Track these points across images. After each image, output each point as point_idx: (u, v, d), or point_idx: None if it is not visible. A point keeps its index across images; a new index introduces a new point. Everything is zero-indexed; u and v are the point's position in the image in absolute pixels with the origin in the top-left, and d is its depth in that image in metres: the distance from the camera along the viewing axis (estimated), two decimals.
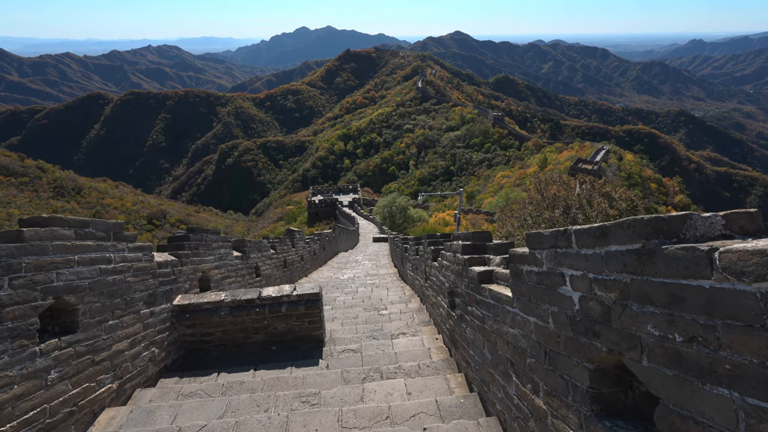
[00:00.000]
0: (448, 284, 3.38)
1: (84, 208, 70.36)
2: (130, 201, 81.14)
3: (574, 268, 1.40)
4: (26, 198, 65.81)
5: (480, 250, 2.82)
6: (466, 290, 2.76)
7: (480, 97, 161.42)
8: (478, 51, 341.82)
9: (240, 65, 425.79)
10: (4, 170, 69.08)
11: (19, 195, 65.57)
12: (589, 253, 1.29)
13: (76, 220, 2.55)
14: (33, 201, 66.03)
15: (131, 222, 72.06)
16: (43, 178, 73.30)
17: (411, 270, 7.14)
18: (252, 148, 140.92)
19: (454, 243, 3.11)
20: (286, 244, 8.50)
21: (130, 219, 73.34)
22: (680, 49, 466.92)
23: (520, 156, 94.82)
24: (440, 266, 3.80)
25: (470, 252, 2.81)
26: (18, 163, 73.39)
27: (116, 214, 72.66)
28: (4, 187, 66.00)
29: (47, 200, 68.40)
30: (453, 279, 3.19)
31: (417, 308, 5.56)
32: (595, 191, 9.82)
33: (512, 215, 11.10)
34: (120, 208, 75.95)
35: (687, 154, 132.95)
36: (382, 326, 4.73)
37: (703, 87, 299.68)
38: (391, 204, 35.28)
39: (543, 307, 1.63)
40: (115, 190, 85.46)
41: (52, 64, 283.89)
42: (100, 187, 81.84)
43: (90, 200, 74.65)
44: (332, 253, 16.73)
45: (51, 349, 2.27)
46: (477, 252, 2.81)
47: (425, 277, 5.16)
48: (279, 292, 3.79)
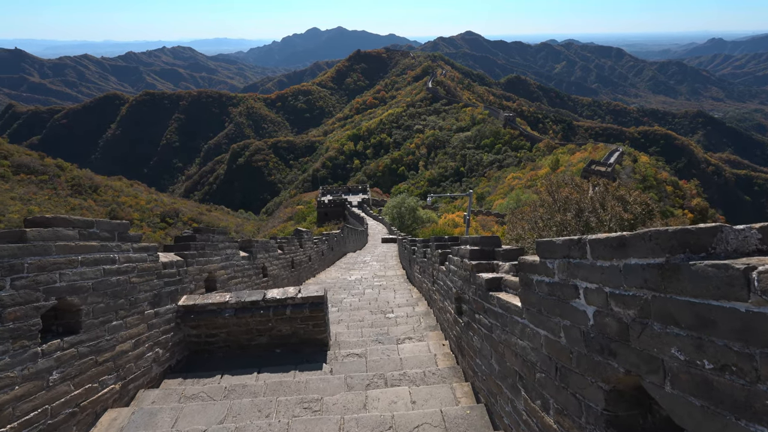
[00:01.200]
0: (456, 289, 3.30)
1: (100, 206, 72.01)
2: (144, 199, 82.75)
3: (588, 280, 1.31)
4: (45, 196, 67.61)
5: (488, 255, 2.73)
6: (473, 297, 2.67)
7: (491, 98, 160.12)
8: (489, 51, 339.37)
9: (252, 66, 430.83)
10: (24, 168, 71.07)
11: (39, 192, 67.41)
12: (606, 265, 1.20)
13: (81, 220, 2.54)
14: (52, 198, 67.82)
15: (145, 220, 73.53)
16: (61, 176, 75.18)
17: (419, 273, 7.06)
18: (263, 148, 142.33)
19: (461, 247, 3.02)
20: (294, 244, 8.49)
21: (144, 217, 74.82)
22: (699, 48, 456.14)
23: (531, 157, 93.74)
24: (448, 270, 3.71)
25: (478, 257, 2.72)
26: (38, 161, 75.40)
27: (131, 212, 74.19)
28: (25, 184, 67.92)
29: (65, 198, 70.17)
30: (460, 285, 3.10)
31: (424, 312, 5.47)
32: (609, 194, 9.59)
33: (523, 218, 10.91)
34: (135, 206, 77.51)
35: (705, 156, 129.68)
36: (388, 330, 4.66)
37: (722, 87, 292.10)
38: (400, 205, 35.18)
39: (554, 320, 1.54)
40: (130, 189, 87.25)
41: (71, 65, 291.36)
42: (115, 185, 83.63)
43: (106, 198, 76.30)
44: (340, 253, 16.73)
45: (53, 350, 2.26)
46: (485, 258, 2.72)
47: (432, 281, 5.07)
48: (283, 294, 3.75)
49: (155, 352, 3.24)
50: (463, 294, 3.01)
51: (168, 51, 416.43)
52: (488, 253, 2.74)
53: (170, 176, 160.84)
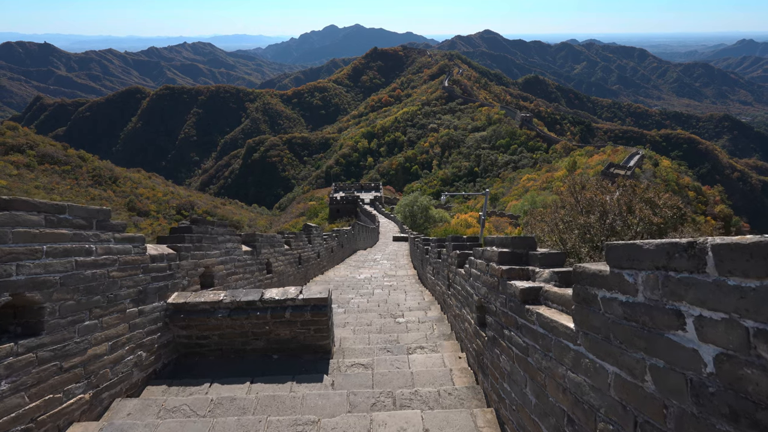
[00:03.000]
0: (478, 297, 2.86)
1: (119, 197, 73.69)
2: (161, 191, 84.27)
3: (706, 306, 0.86)
4: (67, 185, 69.44)
5: (521, 259, 2.29)
6: (502, 309, 2.23)
7: (508, 98, 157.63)
8: (507, 50, 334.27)
9: (269, 62, 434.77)
10: (49, 158, 73.16)
11: (61, 182, 69.31)
12: (748, 285, 0.77)
13: (48, 204, 2.20)
14: (73, 188, 69.60)
15: (161, 212, 74.90)
16: (83, 167, 77.13)
17: (431, 274, 6.62)
18: (278, 143, 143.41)
19: (487, 249, 2.58)
20: (302, 240, 8.15)
21: (161, 209, 76.19)
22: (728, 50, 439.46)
23: (547, 159, 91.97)
24: (468, 275, 3.27)
25: (509, 262, 2.27)
26: (62, 152, 77.50)
27: (148, 203, 75.70)
28: (49, 174, 69.94)
29: (86, 188, 71.96)
30: (485, 292, 2.66)
31: (437, 318, 5.04)
32: (636, 196, 8.95)
33: (542, 219, 10.34)
34: (152, 198, 79.02)
35: (730, 162, 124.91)
36: (398, 337, 4.24)
37: (751, 90, 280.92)
38: (412, 203, 34.69)
39: (634, 356, 1.10)
40: (148, 181, 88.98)
41: (95, 59, 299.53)
42: (134, 177, 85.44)
43: (125, 189, 77.99)
44: (350, 250, 16.39)
45: (3, 356, 1.92)
46: (518, 262, 2.27)
47: (448, 284, 4.63)
48: (283, 294, 3.37)
49: (137, 356, 2.91)
50: (488, 304, 2.58)
51: (188, 46, 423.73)
52: (521, 256, 2.29)
53: (187, 169, 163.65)
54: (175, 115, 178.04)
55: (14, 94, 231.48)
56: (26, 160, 69.89)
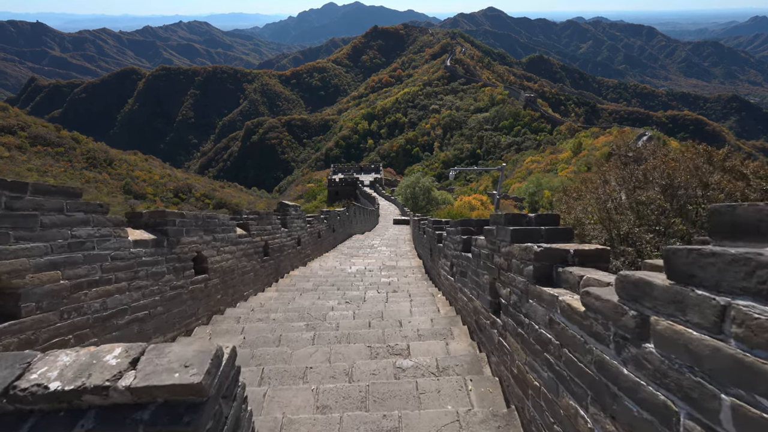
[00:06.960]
0: None
1: (114, 179, 71.80)
2: (158, 174, 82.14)
3: None
4: (61, 168, 67.36)
5: None
6: None
7: (511, 78, 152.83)
8: (511, 29, 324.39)
9: (267, 42, 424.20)
10: (41, 140, 70.88)
11: (54, 165, 67.20)
12: None
13: None
14: (67, 171, 67.57)
15: (158, 194, 72.98)
16: (77, 149, 74.90)
17: (448, 271, 4.59)
18: (277, 125, 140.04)
19: None
20: (271, 222, 6.07)
21: (158, 192, 74.27)
22: (739, 27, 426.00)
23: (551, 140, 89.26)
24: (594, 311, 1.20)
25: None
26: (54, 133, 75.17)
27: (144, 186, 73.75)
28: (42, 156, 67.76)
29: (81, 170, 69.96)
30: None
31: (469, 355, 2.96)
32: (713, 166, 6.83)
33: (580, 196, 8.23)
34: (148, 180, 77.06)
35: (738, 144, 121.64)
36: (402, 423, 2.15)
37: (761, 70, 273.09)
38: (414, 184, 32.60)
39: None
40: (145, 163, 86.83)
41: (90, 39, 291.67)
42: (130, 159, 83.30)
43: (120, 172, 75.98)
44: (345, 235, 14.37)
45: None
46: None
47: (490, 306, 2.58)
48: (80, 374, 1.14)
49: None
50: None
51: (184, 26, 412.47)
52: None
53: (186, 152, 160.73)
54: (172, 95, 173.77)
55: (9, 75, 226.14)
56: (18, 142, 67.64)
